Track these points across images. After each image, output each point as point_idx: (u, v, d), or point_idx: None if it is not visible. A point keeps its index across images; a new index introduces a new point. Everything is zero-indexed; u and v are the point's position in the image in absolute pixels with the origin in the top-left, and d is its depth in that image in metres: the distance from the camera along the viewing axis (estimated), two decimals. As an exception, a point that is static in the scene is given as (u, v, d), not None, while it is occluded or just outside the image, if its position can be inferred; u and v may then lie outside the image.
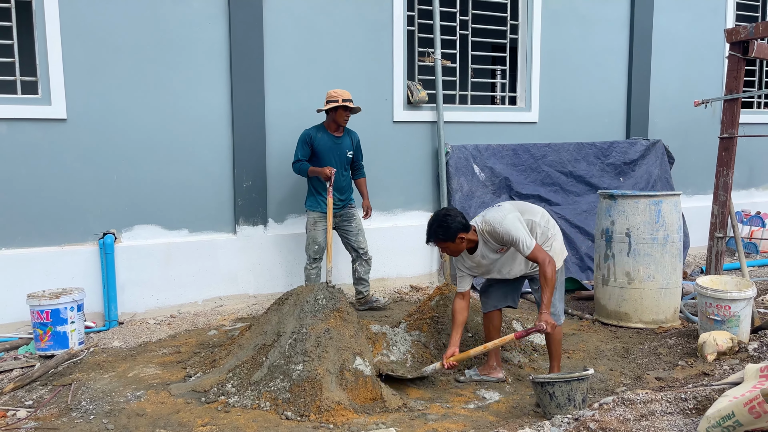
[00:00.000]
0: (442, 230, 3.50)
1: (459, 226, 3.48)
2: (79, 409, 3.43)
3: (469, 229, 3.55)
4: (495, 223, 3.50)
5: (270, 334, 3.86)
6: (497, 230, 3.48)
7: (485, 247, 3.59)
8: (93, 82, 4.91)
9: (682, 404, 2.44)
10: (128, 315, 5.09)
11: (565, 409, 3.07)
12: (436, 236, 3.54)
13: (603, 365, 4.12)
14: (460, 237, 3.50)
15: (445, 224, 3.49)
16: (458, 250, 3.59)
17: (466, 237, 3.53)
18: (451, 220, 3.48)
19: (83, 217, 4.97)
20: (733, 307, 4.09)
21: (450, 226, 3.48)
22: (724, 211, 4.91)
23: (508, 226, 3.45)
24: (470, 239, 3.56)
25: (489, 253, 3.61)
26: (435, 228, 3.53)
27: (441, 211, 3.61)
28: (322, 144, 5.12)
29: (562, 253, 3.73)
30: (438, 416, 3.36)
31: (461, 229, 3.49)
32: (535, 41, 6.57)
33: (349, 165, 5.30)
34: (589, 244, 6.34)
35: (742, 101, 5.11)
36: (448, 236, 3.50)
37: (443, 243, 3.55)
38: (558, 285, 3.67)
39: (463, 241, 3.53)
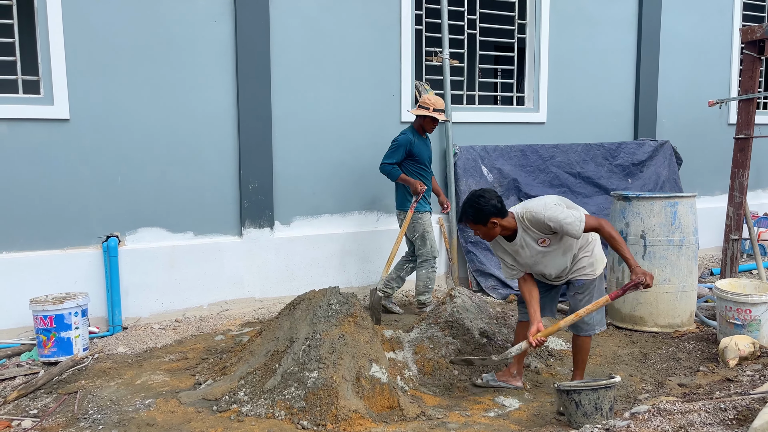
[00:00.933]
0: (474, 211, 3.36)
1: (492, 209, 3.33)
2: (87, 419, 3.32)
3: (505, 215, 3.39)
4: (537, 210, 3.34)
5: (282, 340, 3.75)
6: (539, 217, 3.32)
7: (526, 235, 3.42)
8: (96, 81, 4.80)
9: (722, 414, 2.35)
10: (132, 320, 4.97)
11: (592, 418, 2.98)
12: (467, 217, 3.40)
13: (622, 371, 4.03)
14: (492, 221, 3.35)
15: (477, 206, 3.34)
16: (490, 235, 3.44)
17: (500, 222, 3.37)
18: (485, 203, 3.33)
19: (86, 219, 4.85)
20: (753, 311, 4.01)
21: (482, 209, 3.33)
22: (739, 212, 4.85)
23: (553, 212, 3.30)
24: (506, 226, 3.40)
25: (530, 242, 3.43)
26: (467, 208, 3.39)
27: (477, 191, 3.43)
28: (419, 147, 5.16)
29: (603, 260, 3.60)
30: (458, 425, 3.26)
31: (495, 213, 3.34)
32: (543, 41, 6.50)
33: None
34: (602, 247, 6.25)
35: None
36: (480, 219, 3.36)
37: (474, 225, 3.41)
38: (594, 293, 3.54)
39: (496, 226, 3.37)
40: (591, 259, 3.51)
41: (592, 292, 3.52)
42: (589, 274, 3.51)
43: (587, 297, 3.52)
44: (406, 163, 5.16)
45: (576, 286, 3.54)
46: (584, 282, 3.52)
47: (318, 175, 5.63)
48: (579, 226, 3.27)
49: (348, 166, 5.75)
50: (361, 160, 5.79)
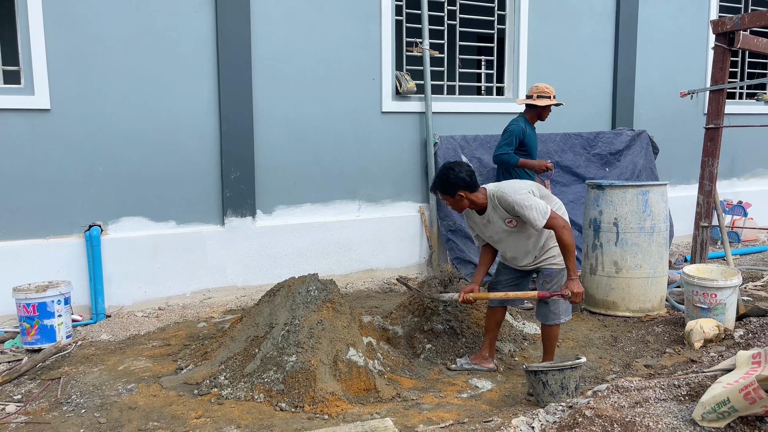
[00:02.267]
0: (442, 182, 3.49)
1: (460, 182, 3.43)
2: (70, 403, 3.40)
3: (475, 189, 3.49)
4: (508, 191, 3.45)
5: (262, 325, 3.84)
6: (508, 198, 3.42)
7: (494, 212, 3.54)
8: (77, 72, 4.82)
9: (675, 391, 2.48)
10: (116, 308, 5.03)
11: (558, 397, 3.11)
12: (436, 186, 3.53)
13: (592, 353, 4.17)
14: (459, 194, 3.47)
15: (446, 177, 3.46)
16: (458, 207, 3.56)
17: (467, 196, 3.48)
18: (453, 176, 3.44)
19: (69, 209, 4.90)
20: (719, 295, 4.15)
21: (450, 181, 3.45)
22: (709, 200, 4.98)
23: (521, 198, 3.40)
24: (474, 200, 3.51)
25: (497, 220, 3.55)
26: (437, 179, 3.52)
27: (449, 163, 3.53)
28: (530, 137, 5.23)
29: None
30: (432, 405, 3.38)
31: (461, 186, 3.44)
32: (523, 32, 6.59)
33: None
34: (576, 234, 6.39)
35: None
36: (447, 190, 3.49)
37: (443, 195, 3.54)
38: (562, 282, 3.64)
39: (463, 199, 3.49)
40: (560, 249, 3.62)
41: (561, 281, 3.62)
42: (558, 263, 3.61)
43: (555, 286, 3.63)
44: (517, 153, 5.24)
45: (545, 275, 3.65)
46: (553, 271, 3.63)
47: (300, 165, 5.71)
48: (540, 220, 3.36)
49: (329, 156, 5.82)
50: (342, 150, 5.87)
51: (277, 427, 3.08)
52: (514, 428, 2.68)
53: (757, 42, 5.11)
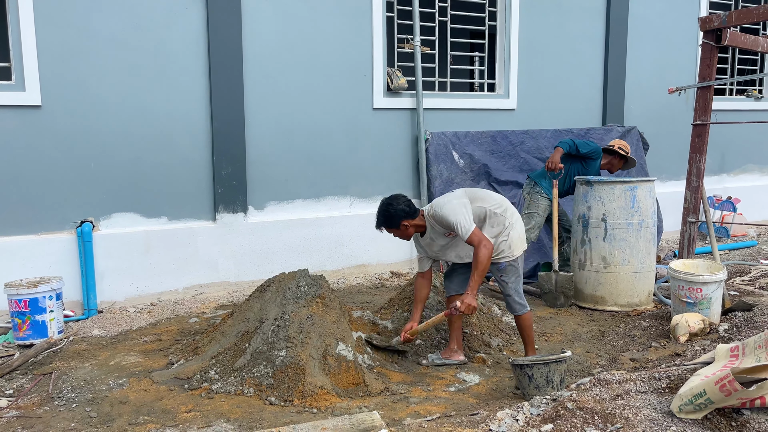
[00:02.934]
0: (385, 218, 3.65)
1: (401, 213, 3.60)
2: (61, 398, 3.43)
3: (416, 215, 3.66)
4: (437, 207, 3.64)
5: (252, 320, 3.88)
6: (438, 213, 3.61)
7: (433, 231, 3.72)
8: (68, 68, 4.83)
9: (655, 383, 2.53)
10: (108, 303, 5.06)
11: (543, 390, 3.16)
12: (380, 224, 3.69)
13: (580, 347, 4.22)
14: (404, 224, 3.63)
15: (387, 213, 3.63)
16: (406, 235, 3.72)
17: (411, 223, 3.65)
18: (393, 209, 3.61)
19: (60, 205, 4.92)
20: (704, 289, 4.21)
21: (392, 215, 3.61)
22: (696, 196, 5.03)
23: (447, 211, 3.56)
24: (417, 225, 3.69)
25: (437, 237, 3.74)
26: (379, 216, 3.68)
27: (385, 199, 3.69)
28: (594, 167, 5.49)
29: (521, 241, 3.77)
30: (420, 399, 3.42)
31: (404, 216, 3.61)
32: (513, 28, 6.62)
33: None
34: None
35: (714, 88, 5.21)
36: (392, 224, 3.65)
37: (389, 229, 3.70)
38: (519, 272, 3.76)
39: (408, 228, 3.66)
40: (508, 242, 3.68)
41: (517, 271, 3.73)
42: (509, 255, 3.70)
43: (513, 276, 3.73)
44: (575, 161, 5.40)
45: (500, 269, 3.73)
46: (506, 264, 3.71)
47: (291, 161, 5.73)
48: (463, 234, 3.52)
49: (321, 152, 5.85)
50: (334, 147, 5.90)
51: (266, 421, 3.11)
52: (499, 421, 2.72)
53: (745, 39, 5.14)
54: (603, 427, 2.31)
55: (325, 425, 2.87)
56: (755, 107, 8.30)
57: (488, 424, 2.71)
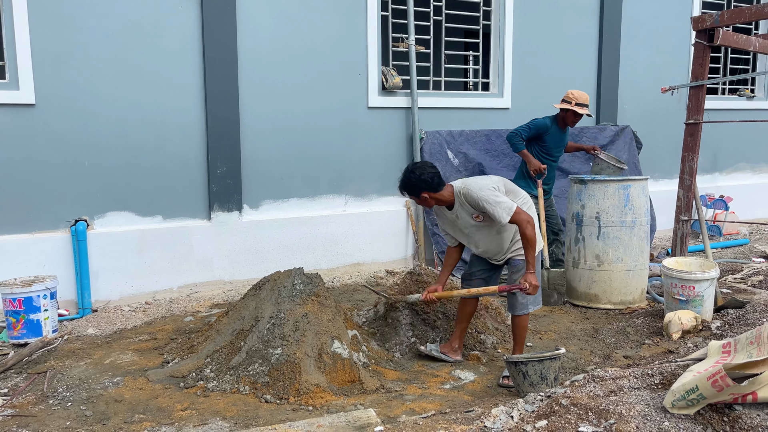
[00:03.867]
0: (405, 185, 3.61)
1: (422, 185, 3.54)
2: (56, 397, 3.42)
3: (439, 188, 3.58)
4: (474, 188, 3.54)
5: (248, 319, 3.88)
6: (473, 195, 3.52)
7: (461, 209, 3.64)
8: (62, 66, 4.82)
9: (648, 380, 2.55)
10: (102, 302, 5.05)
11: (537, 387, 3.17)
12: (402, 188, 3.64)
13: (574, 345, 4.25)
14: (423, 195, 3.58)
15: (408, 180, 3.58)
16: (426, 204, 3.66)
17: (432, 196, 3.58)
18: (415, 178, 3.54)
19: (54, 203, 4.90)
20: (697, 287, 4.24)
21: (412, 183, 3.57)
22: (689, 194, 5.06)
23: (486, 194, 3.48)
24: (440, 199, 3.61)
25: (464, 216, 3.65)
26: (402, 181, 3.63)
27: (411, 165, 3.63)
28: (553, 137, 5.42)
29: (538, 242, 3.75)
30: (415, 396, 3.44)
31: (424, 188, 3.55)
32: (508, 28, 6.64)
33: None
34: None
35: (707, 88, 5.25)
36: (411, 191, 3.61)
37: (409, 195, 3.66)
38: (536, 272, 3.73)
39: (428, 199, 3.60)
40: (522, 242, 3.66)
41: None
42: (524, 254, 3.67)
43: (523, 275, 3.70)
44: (532, 144, 5.42)
45: (513, 266, 3.73)
46: (520, 262, 3.71)
47: (286, 160, 5.74)
48: (504, 216, 3.45)
49: (316, 151, 5.86)
50: (328, 145, 5.91)
51: (261, 419, 3.12)
52: (494, 417, 2.74)
53: (737, 39, 5.18)
54: (597, 422, 2.33)
55: (321, 423, 2.88)
56: (747, 106, 8.36)
57: (483, 420, 2.73)
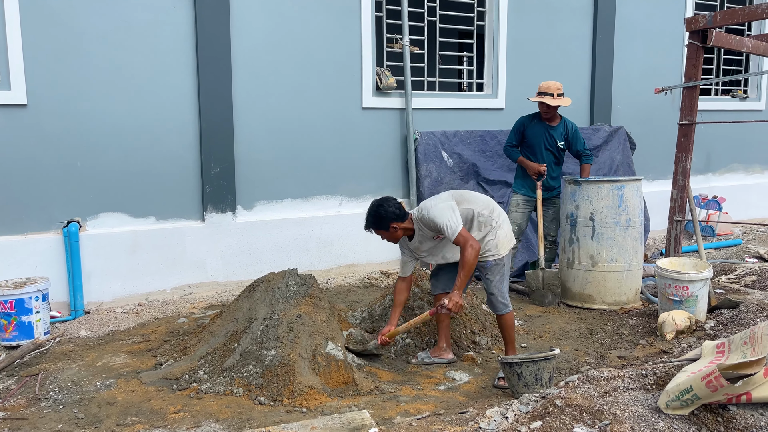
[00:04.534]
0: (375, 220, 3.67)
1: (392, 216, 3.63)
2: (48, 399, 3.40)
3: (405, 218, 3.70)
4: (424, 210, 3.66)
5: (241, 320, 3.86)
6: (425, 217, 3.64)
7: (421, 233, 3.74)
8: (55, 67, 4.79)
9: (643, 380, 2.55)
10: (95, 304, 5.02)
11: (532, 388, 3.17)
12: (370, 225, 3.71)
13: (568, 345, 4.25)
14: (393, 226, 3.66)
15: (377, 214, 3.65)
16: (394, 238, 3.75)
17: (400, 226, 3.68)
18: (383, 211, 3.63)
19: (46, 205, 4.87)
20: (690, 287, 4.25)
21: (383, 216, 3.64)
22: (682, 195, 5.07)
23: (435, 213, 3.59)
24: (406, 228, 3.72)
25: (425, 240, 3.75)
26: (369, 218, 3.70)
27: (376, 201, 3.72)
28: (533, 133, 5.35)
29: (508, 241, 3.80)
30: (409, 398, 3.43)
31: (394, 218, 3.64)
32: (502, 28, 6.64)
33: (561, 153, 5.44)
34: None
35: (700, 88, 5.27)
36: (381, 225, 3.67)
37: (378, 231, 3.72)
38: (504, 272, 3.77)
39: (397, 230, 3.69)
40: (495, 241, 3.71)
41: (502, 270, 3.75)
42: (495, 254, 3.72)
43: (498, 276, 3.74)
44: (522, 146, 5.40)
45: (486, 267, 3.74)
46: (491, 263, 3.73)
47: (280, 161, 5.72)
48: (449, 235, 3.55)
49: (310, 152, 5.84)
50: (323, 146, 5.89)
51: (255, 421, 3.11)
52: (489, 418, 2.73)
53: (730, 39, 5.20)
54: (591, 423, 2.33)
55: (315, 424, 2.87)
56: (740, 107, 8.40)
57: (477, 422, 2.72)
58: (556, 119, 5.41)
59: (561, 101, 5.22)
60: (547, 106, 5.25)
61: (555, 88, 5.21)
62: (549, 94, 5.20)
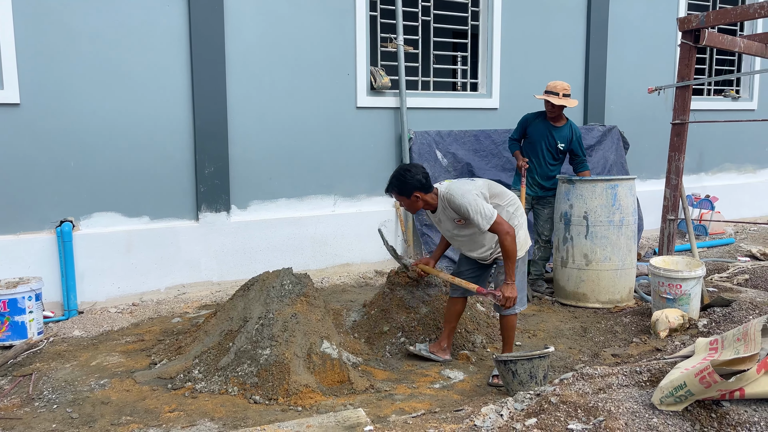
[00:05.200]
0: (398, 183, 3.59)
1: (416, 184, 3.54)
2: (42, 399, 3.38)
3: (430, 190, 3.61)
4: (456, 193, 3.54)
5: (236, 319, 3.86)
6: (455, 200, 3.53)
7: (444, 213, 3.67)
8: (47, 66, 4.77)
9: (637, 377, 2.57)
10: (88, 304, 5.00)
11: (527, 385, 3.18)
12: (393, 188, 3.63)
13: (562, 344, 4.26)
14: (415, 195, 3.58)
15: (402, 179, 3.57)
16: (413, 207, 3.67)
17: (422, 197, 3.60)
18: (410, 177, 3.55)
19: (39, 204, 4.85)
20: (684, 286, 4.27)
21: (407, 182, 3.55)
22: (675, 194, 5.10)
23: (468, 200, 3.48)
24: (428, 201, 3.63)
25: (445, 220, 3.69)
26: (393, 180, 3.62)
27: (404, 165, 3.65)
28: (535, 129, 5.40)
29: (526, 242, 3.78)
30: (404, 396, 3.43)
31: (418, 188, 3.55)
32: (496, 28, 6.66)
33: (561, 155, 5.44)
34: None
35: (693, 88, 5.30)
36: (403, 191, 3.59)
37: (399, 196, 3.65)
38: (520, 274, 3.73)
39: (419, 200, 3.60)
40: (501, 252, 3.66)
41: (518, 273, 3.69)
42: None
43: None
44: (525, 143, 5.46)
45: (500, 266, 3.73)
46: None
47: (275, 160, 5.71)
48: (484, 225, 3.47)
49: (305, 152, 5.84)
50: (317, 145, 5.89)
51: (250, 419, 3.10)
52: (484, 416, 2.73)
53: (722, 39, 5.24)
54: (586, 420, 2.34)
55: (310, 423, 2.87)
56: (732, 107, 8.44)
57: (473, 419, 2.73)
58: (561, 120, 5.42)
59: (566, 102, 5.23)
60: (552, 105, 5.27)
61: (561, 88, 5.23)
62: (555, 94, 5.23)
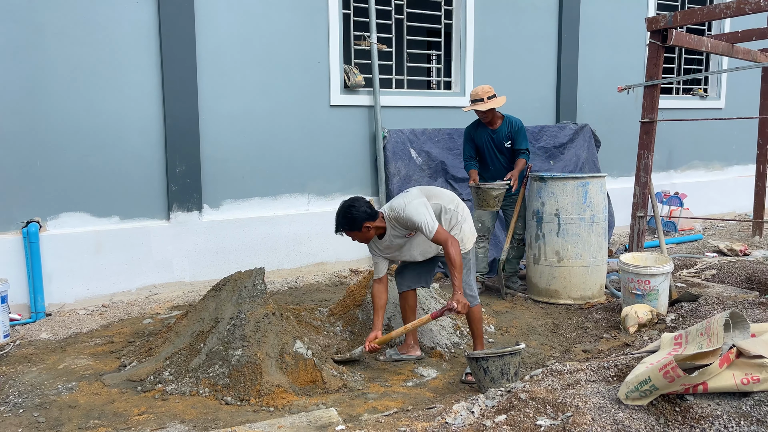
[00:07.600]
0: (347, 221, 3.59)
1: (364, 215, 3.57)
2: (8, 403, 3.31)
3: (376, 217, 3.64)
4: (399, 209, 3.60)
5: (208, 320, 3.82)
6: (401, 216, 3.59)
7: (393, 232, 3.70)
8: (12, 63, 4.67)
9: (604, 372, 2.60)
10: (56, 306, 4.90)
11: (498, 382, 3.21)
12: (342, 226, 3.64)
13: (534, 340, 4.31)
14: (365, 226, 3.60)
15: (349, 215, 3.58)
16: (366, 238, 3.68)
17: (372, 225, 3.62)
18: (356, 211, 3.56)
19: (5, 205, 4.74)
20: (652, 281, 4.34)
21: (355, 217, 3.57)
22: (645, 191, 5.18)
23: (411, 212, 3.55)
24: (378, 227, 3.66)
25: (396, 239, 3.72)
26: (341, 219, 3.62)
27: (346, 201, 3.65)
28: (479, 138, 5.36)
29: (473, 235, 3.84)
30: (377, 395, 3.44)
31: (366, 218, 3.58)
32: (469, 27, 6.69)
33: (510, 153, 5.38)
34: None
35: (662, 87, 5.39)
36: (353, 226, 3.60)
37: (350, 232, 3.65)
38: (471, 265, 3.80)
39: (370, 229, 3.63)
40: (461, 235, 3.74)
41: (468, 264, 3.77)
42: (461, 248, 3.70)
43: (465, 269, 3.73)
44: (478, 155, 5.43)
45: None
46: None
47: (247, 159, 5.66)
48: (428, 234, 3.53)
49: (278, 150, 5.80)
50: (291, 144, 5.86)
51: (221, 421, 3.08)
52: (455, 414, 2.75)
53: (690, 39, 5.33)
54: (554, 415, 2.36)
55: (282, 423, 2.86)
56: (700, 105, 8.61)
57: (444, 417, 2.74)
58: (496, 122, 5.34)
59: (493, 103, 5.14)
60: (483, 112, 5.22)
61: (484, 92, 5.15)
62: (479, 100, 5.15)
